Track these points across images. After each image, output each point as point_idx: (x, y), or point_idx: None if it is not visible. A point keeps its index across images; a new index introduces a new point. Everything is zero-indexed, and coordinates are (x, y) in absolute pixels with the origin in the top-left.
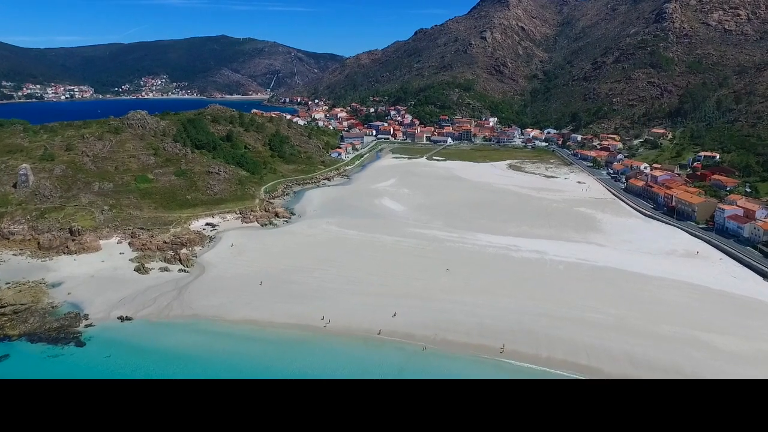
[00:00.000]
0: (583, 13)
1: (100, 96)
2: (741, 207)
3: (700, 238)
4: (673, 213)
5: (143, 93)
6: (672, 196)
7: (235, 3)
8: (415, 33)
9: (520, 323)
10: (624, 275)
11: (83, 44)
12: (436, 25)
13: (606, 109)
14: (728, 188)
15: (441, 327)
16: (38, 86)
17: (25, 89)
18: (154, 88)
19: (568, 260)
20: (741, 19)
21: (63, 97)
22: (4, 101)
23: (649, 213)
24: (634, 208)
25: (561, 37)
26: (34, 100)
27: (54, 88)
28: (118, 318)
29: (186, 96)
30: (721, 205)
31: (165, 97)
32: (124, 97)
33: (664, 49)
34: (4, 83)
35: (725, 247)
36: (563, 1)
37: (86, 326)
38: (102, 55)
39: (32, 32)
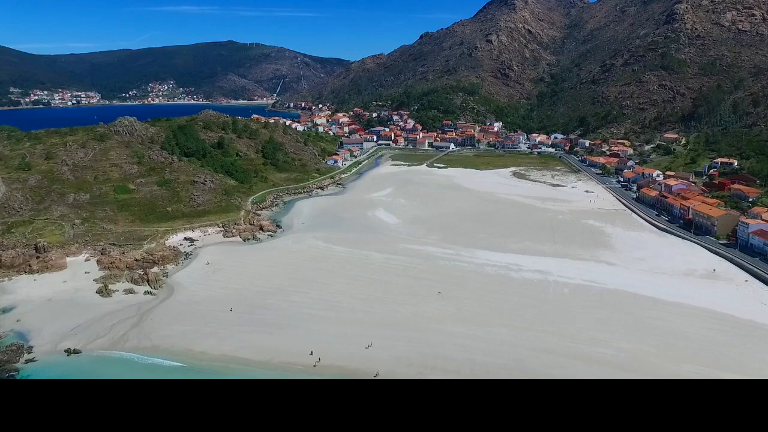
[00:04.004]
0: (591, 15)
1: (107, 102)
2: (767, 221)
3: (721, 256)
4: (690, 226)
5: (149, 98)
6: (689, 207)
7: (243, 9)
8: (421, 37)
9: (519, 360)
10: (637, 300)
11: (94, 51)
12: (441, 29)
13: (615, 113)
14: (750, 199)
15: (427, 364)
16: (45, 92)
17: (32, 95)
18: (160, 93)
19: (574, 282)
20: (756, 19)
21: (69, 103)
22: (11, 107)
23: (663, 226)
24: (647, 221)
25: (569, 39)
26: (41, 106)
27: (61, 94)
28: (65, 351)
29: (192, 101)
30: (744, 219)
31: (171, 102)
32: (130, 103)
33: (675, 50)
34: (12, 89)
35: (751, 266)
36: (571, 3)
37: (27, 361)
38: (111, 61)
39: (45, 39)
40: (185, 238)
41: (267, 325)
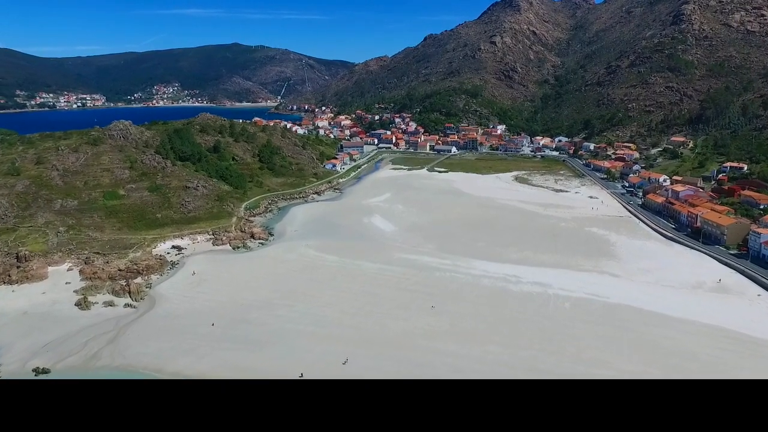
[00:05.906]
0: (596, 17)
1: (112, 104)
2: None
3: (731, 267)
4: (699, 235)
5: (154, 101)
6: (697, 215)
7: (248, 11)
8: (425, 39)
9: None
10: (641, 316)
11: (101, 53)
12: (445, 31)
13: (621, 115)
14: (762, 206)
15: None
16: (51, 95)
17: (38, 98)
18: (165, 96)
19: (576, 295)
20: (765, 19)
21: (75, 106)
22: (17, 110)
23: (670, 235)
24: (653, 229)
25: (574, 41)
26: (46, 108)
27: (66, 96)
28: (33, 370)
29: (196, 104)
30: (755, 228)
31: (175, 104)
32: (135, 105)
33: (682, 51)
34: (18, 92)
35: (763, 279)
36: (576, 4)
37: None
38: (116, 64)
39: (52, 42)
40: (173, 246)
41: (249, 342)
